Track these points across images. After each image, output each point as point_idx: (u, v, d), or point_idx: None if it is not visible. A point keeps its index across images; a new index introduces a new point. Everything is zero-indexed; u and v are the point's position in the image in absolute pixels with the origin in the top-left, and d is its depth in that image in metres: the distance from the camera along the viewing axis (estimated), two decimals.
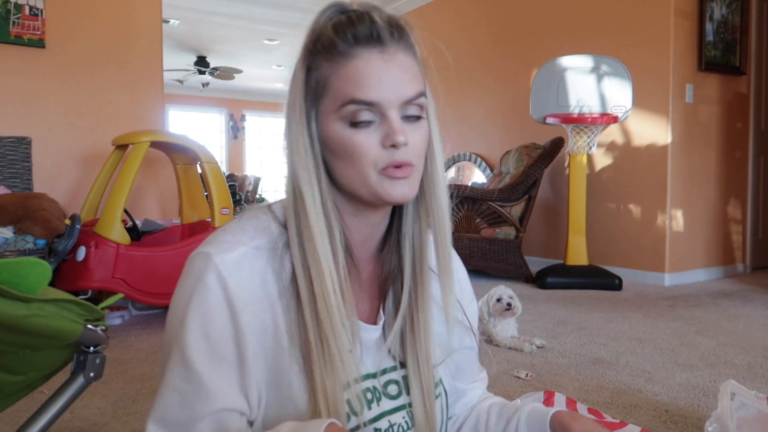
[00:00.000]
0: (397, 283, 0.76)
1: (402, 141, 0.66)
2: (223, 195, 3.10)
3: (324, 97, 0.68)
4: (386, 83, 0.66)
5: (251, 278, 0.67)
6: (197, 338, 0.65)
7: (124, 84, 3.99)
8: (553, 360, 2.29)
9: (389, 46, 0.67)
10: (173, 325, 0.67)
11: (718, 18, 4.18)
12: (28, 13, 3.62)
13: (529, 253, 4.78)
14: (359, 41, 0.66)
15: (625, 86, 3.77)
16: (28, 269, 0.64)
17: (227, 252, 0.67)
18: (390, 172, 0.67)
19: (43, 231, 2.94)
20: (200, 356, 0.65)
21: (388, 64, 0.67)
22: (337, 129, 0.67)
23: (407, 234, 0.75)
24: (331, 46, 0.67)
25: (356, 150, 0.67)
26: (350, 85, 0.66)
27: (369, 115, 0.66)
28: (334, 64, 0.67)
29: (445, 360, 0.80)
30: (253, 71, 9.83)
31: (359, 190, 0.69)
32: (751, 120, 4.48)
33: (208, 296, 0.65)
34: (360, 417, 0.71)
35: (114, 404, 1.85)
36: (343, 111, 0.66)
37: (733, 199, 4.44)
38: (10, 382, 0.83)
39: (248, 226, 0.71)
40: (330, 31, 0.67)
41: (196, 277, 0.66)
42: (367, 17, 0.67)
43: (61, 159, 3.78)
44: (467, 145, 5.66)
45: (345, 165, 0.68)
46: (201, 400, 0.64)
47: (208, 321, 0.65)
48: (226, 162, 11.74)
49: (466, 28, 5.64)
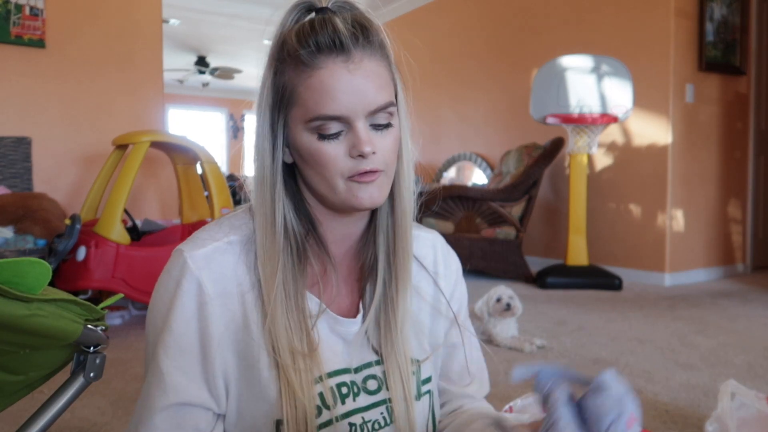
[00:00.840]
0: (373, 276, 0.76)
1: (369, 151, 0.67)
2: (224, 195, 3.10)
3: (292, 107, 0.69)
4: (352, 95, 0.66)
5: (221, 271, 0.69)
6: (164, 333, 0.68)
7: (125, 84, 3.99)
8: (553, 360, 2.29)
9: (354, 54, 0.66)
10: (148, 322, 0.72)
11: (719, 18, 4.18)
12: (29, 13, 3.62)
13: (529, 253, 4.78)
14: (322, 50, 0.66)
15: (626, 86, 3.76)
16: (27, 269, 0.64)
17: (199, 248, 0.70)
18: (357, 179, 0.68)
19: (43, 231, 2.94)
20: (164, 350, 0.68)
21: (352, 74, 0.66)
22: (305, 139, 0.68)
23: (381, 227, 0.76)
24: (295, 55, 0.67)
25: (324, 160, 0.68)
26: (316, 98, 0.66)
27: (337, 126, 0.67)
28: (300, 74, 0.67)
29: (431, 356, 0.80)
30: (253, 71, 9.78)
31: (328, 197, 0.71)
32: (752, 120, 4.48)
33: (178, 292, 0.68)
34: (333, 411, 0.71)
35: (114, 404, 1.85)
36: (311, 124, 0.67)
37: (734, 199, 4.44)
38: (9, 381, 0.83)
39: (225, 223, 0.74)
40: (293, 40, 0.67)
41: (168, 274, 0.70)
42: (329, 23, 0.66)
43: (61, 159, 3.78)
44: (467, 145, 5.66)
45: (314, 173, 0.70)
46: (159, 393, 0.67)
47: (176, 314, 0.68)
48: (227, 162, 11.74)
49: (466, 27, 5.64)
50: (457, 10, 5.76)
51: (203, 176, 3.20)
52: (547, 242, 4.84)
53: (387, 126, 0.69)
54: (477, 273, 4.34)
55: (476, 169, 5.56)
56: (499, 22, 5.29)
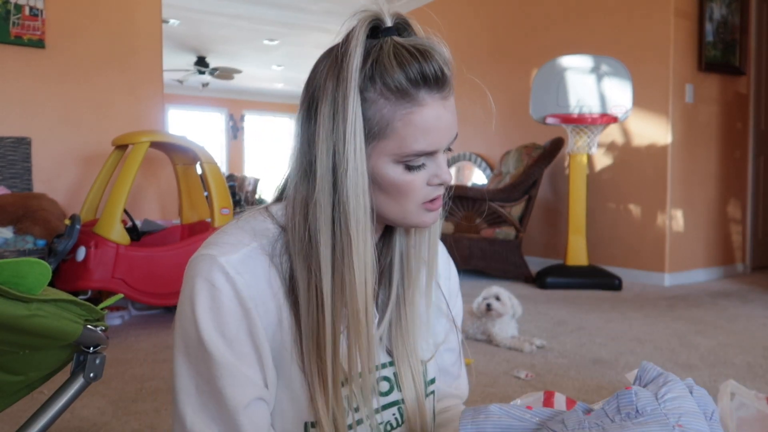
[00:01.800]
0: (389, 279, 0.77)
1: (449, 180, 0.70)
2: (223, 195, 3.10)
3: (383, 139, 0.66)
4: (445, 132, 0.68)
5: (257, 277, 0.68)
6: (216, 339, 0.65)
7: (124, 84, 3.99)
8: (552, 360, 2.29)
9: (448, 88, 0.68)
10: (187, 332, 0.67)
11: (718, 18, 4.18)
12: (28, 14, 3.62)
13: (529, 253, 4.78)
14: (427, 84, 0.66)
15: (625, 86, 3.77)
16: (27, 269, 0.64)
17: (231, 253, 0.67)
18: (428, 206, 0.71)
19: (42, 231, 2.94)
20: (223, 353, 0.65)
21: (446, 110, 0.68)
22: (391, 170, 0.68)
23: (397, 233, 0.77)
24: (396, 84, 0.64)
25: (408, 190, 0.68)
26: (417, 135, 0.66)
27: (425, 159, 0.69)
28: (398, 107, 0.65)
29: (434, 356, 0.82)
30: (252, 71, 9.83)
31: (394, 219, 0.71)
32: (751, 120, 4.48)
33: (219, 297, 0.65)
34: (361, 412, 0.72)
35: (114, 404, 1.85)
36: (405, 158, 0.67)
37: (733, 199, 4.44)
38: (9, 382, 0.83)
39: (247, 227, 0.71)
40: (394, 67, 0.64)
41: (204, 279, 0.66)
42: (434, 56, 0.66)
43: (60, 159, 3.78)
44: (467, 145, 5.66)
45: (390, 200, 0.70)
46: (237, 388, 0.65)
47: (223, 321, 0.65)
48: (226, 162, 11.74)
49: (466, 27, 5.64)
50: (456, 11, 5.76)
51: (203, 176, 3.20)
52: (546, 242, 4.84)
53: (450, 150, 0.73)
54: (477, 273, 4.34)
55: (476, 170, 5.56)
56: (499, 22, 5.30)
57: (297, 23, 7.20)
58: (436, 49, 0.67)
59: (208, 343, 0.65)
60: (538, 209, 4.78)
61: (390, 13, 0.68)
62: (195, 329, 0.66)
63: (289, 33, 7.67)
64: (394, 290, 0.76)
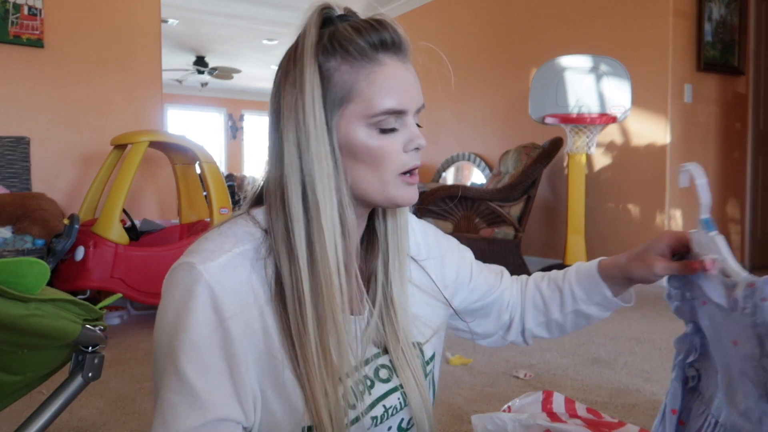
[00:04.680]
0: (375, 274, 0.79)
1: (424, 144, 0.70)
2: (222, 195, 3.10)
3: (349, 103, 0.68)
4: (410, 92, 0.70)
5: (237, 284, 0.67)
6: (188, 349, 0.64)
7: (123, 84, 3.99)
8: (551, 360, 2.30)
9: (407, 55, 0.71)
10: (163, 339, 0.66)
11: (717, 18, 4.18)
12: (27, 13, 3.61)
13: (528, 253, 4.78)
14: (387, 48, 0.69)
15: (624, 86, 3.77)
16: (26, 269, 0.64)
17: (211, 260, 0.66)
18: (407, 179, 0.71)
19: (41, 231, 2.94)
20: (191, 367, 0.64)
21: (408, 72, 0.71)
22: (363, 135, 0.68)
23: (380, 228, 0.79)
24: (356, 48, 0.67)
25: (384, 155, 0.69)
26: (382, 93, 0.68)
27: (396, 122, 0.69)
28: (359, 69, 0.68)
29: (433, 337, 0.84)
30: (251, 71, 9.83)
31: (373, 194, 0.71)
32: (750, 120, 4.48)
33: (196, 306, 0.64)
34: (358, 408, 0.72)
35: (112, 404, 1.85)
36: (374, 119, 0.68)
37: (732, 199, 4.44)
38: (8, 382, 0.83)
39: (229, 233, 0.71)
40: (352, 33, 0.68)
41: (182, 288, 0.66)
42: (389, 25, 0.69)
43: (59, 159, 3.78)
44: (466, 145, 5.66)
45: (367, 170, 0.70)
46: (194, 410, 0.63)
47: (197, 331, 0.64)
48: (225, 162, 11.73)
49: (465, 27, 5.64)
50: (455, 10, 5.76)
51: (202, 176, 3.20)
52: (545, 242, 4.84)
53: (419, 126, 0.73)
54: None
55: (475, 169, 5.57)
56: (498, 22, 5.30)
57: (296, 23, 7.11)
58: (389, 21, 0.70)
59: (178, 356, 0.64)
60: (537, 209, 4.78)
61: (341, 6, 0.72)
62: (169, 340, 0.65)
63: (288, 33, 7.66)
64: (380, 286, 0.78)
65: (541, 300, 0.94)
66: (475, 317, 0.95)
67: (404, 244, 0.79)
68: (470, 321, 0.95)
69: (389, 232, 0.79)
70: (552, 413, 1.32)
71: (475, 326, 0.96)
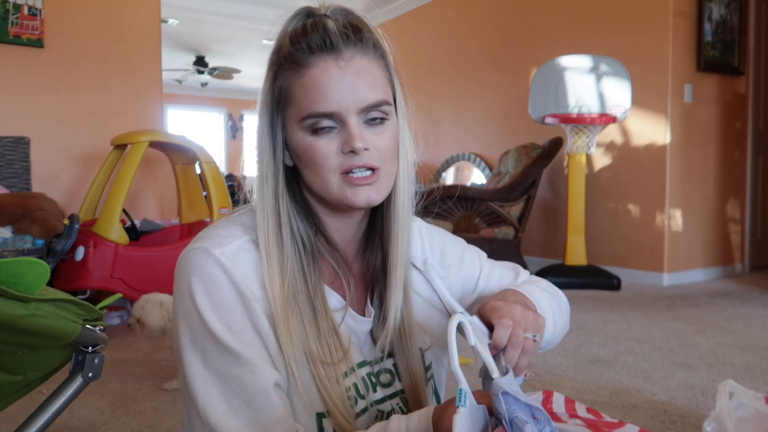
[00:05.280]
0: (380, 279, 0.78)
1: (360, 147, 0.68)
2: (222, 195, 3.10)
3: (289, 107, 0.71)
4: (342, 91, 0.68)
5: (251, 268, 0.69)
6: (223, 329, 0.66)
7: (123, 84, 3.99)
8: (551, 360, 2.30)
9: (344, 52, 0.69)
10: (194, 329, 0.66)
11: (717, 18, 4.18)
12: (27, 13, 3.61)
13: (528, 253, 4.78)
14: (314, 50, 0.69)
15: (624, 86, 3.77)
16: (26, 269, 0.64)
17: (224, 245, 0.69)
18: (350, 179, 0.69)
19: (41, 231, 2.94)
20: (235, 341, 0.65)
21: (343, 71, 0.68)
22: (300, 137, 0.70)
23: (389, 232, 0.78)
24: (289, 56, 0.70)
25: (317, 157, 0.69)
26: (309, 96, 0.68)
27: (329, 122, 0.69)
28: (294, 75, 0.70)
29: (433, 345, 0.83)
30: (251, 71, 9.82)
31: (325, 196, 0.72)
32: (750, 120, 4.49)
33: (218, 289, 0.66)
34: (366, 399, 0.74)
35: (112, 404, 1.85)
36: (305, 122, 0.69)
37: (732, 198, 4.44)
38: (8, 381, 0.83)
39: (237, 222, 0.74)
40: (287, 42, 0.70)
41: (199, 272, 0.67)
42: (320, 25, 0.69)
43: (59, 159, 3.78)
44: (466, 145, 5.66)
45: (310, 171, 0.71)
46: (260, 374, 0.65)
47: (227, 313, 0.66)
48: (225, 162, 11.73)
49: (467, 27, 5.64)
50: (455, 11, 5.76)
51: (202, 176, 3.20)
52: (545, 242, 4.84)
53: (382, 121, 0.70)
54: None
55: (475, 169, 5.57)
56: (498, 22, 5.30)
57: None
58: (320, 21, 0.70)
59: (219, 337, 0.65)
60: (537, 209, 4.78)
61: (326, 6, 0.73)
62: (202, 326, 0.66)
63: None
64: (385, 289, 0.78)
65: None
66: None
67: (406, 249, 0.78)
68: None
69: (392, 236, 0.78)
70: (552, 413, 1.32)
71: None
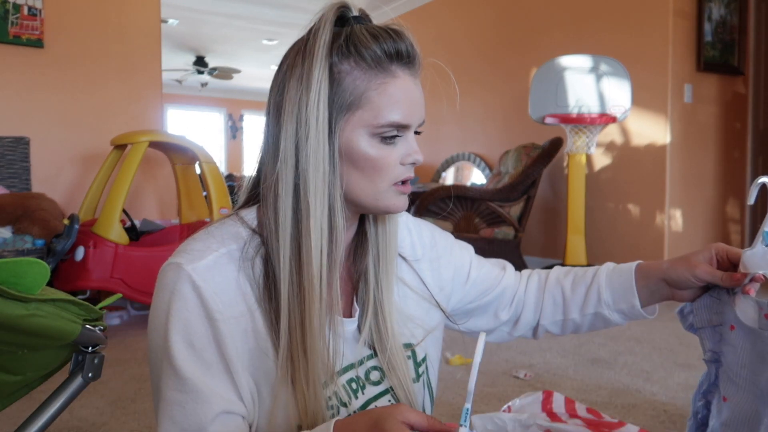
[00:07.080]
0: (365, 278, 0.78)
1: (421, 160, 0.71)
2: (222, 195, 3.10)
3: (357, 109, 0.68)
4: (417, 107, 0.70)
5: (225, 283, 0.67)
6: (183, 349, 0.65)
7: (123, 84, 3.99)
8: (551, 360, 2.30)
9: (418, 70, 0.71)
10: (157, 340, 0.67)
11: (717, 18, 4.18)
12: (27, 13, 3.61)
13: (528, 253, 4.78)
14: (401, 59, 0.69)
15: (624, 86, 3.77)
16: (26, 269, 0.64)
17: (198, 260, 0.67)
18: (400, 188, 0.71)
19: (41, 231, 2.94)
20: (190, 365, 0.65)
21: (417, 87, 0.71)
22: (366, 142, 0.68)
23: (370, 231, 0.79)
24: (371, 55, 0.67)
25: (382, 164, 0.69)
26: (392, 105, 0.68)
27: (398, 133, 0.70)
28: (372, 78, 0.67)
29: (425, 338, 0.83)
30: (251, 71, 9.83)
31: (365, 201, 0.71)
32: (750, 120, 4.48)
33: (186, 306, 0.65)
34: (349, 407, 0.73)
35: (112, 404, 1.85)
36: (380, 129, 0.68)
37: (732, 199, 4.44)
38: (8, 382, 0.83)
39: (216, 233, 0.71)
40: (369, 40, 0.67)
41: (171, 289, 0.66)
42: (405, 36, 0.69)
43: (59, 159, 3.78)
44: (466, 145, 5.66)
45: (363, 177, 0.70)
46: (202, 406, 0.64)
47: (190, 330, 0.65)
48: (225, 162, 11.73)
49: (467, 26, 5.64)
50: (455, 11, 5.76)
51: (202, 176, 3.20)
52: (545, 242, 4.84)
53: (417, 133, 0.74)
54: None
55: (475, 169, 5.57)
56: (497, 22, 5.30)
57: (296, 23, 7.17)
58: (407, 33, 0.70)
59: (174, 357, 0.64)
60: (537, 209, 4.78)
61: (356, 7, 0.72)
62: (165, 344, 0.65)
63: (288, 33, 7.67)
64: (371, 288, 0.77)
65: (561, 297, 0.91)
66: (470, 317, 0.94)
67: (394, 247, 0.79)
68: (465, 321, 0.94)
69: (379, 236, 0.78)
70: (552, 413, 1.32)
71: (470, 325, 0.95)
